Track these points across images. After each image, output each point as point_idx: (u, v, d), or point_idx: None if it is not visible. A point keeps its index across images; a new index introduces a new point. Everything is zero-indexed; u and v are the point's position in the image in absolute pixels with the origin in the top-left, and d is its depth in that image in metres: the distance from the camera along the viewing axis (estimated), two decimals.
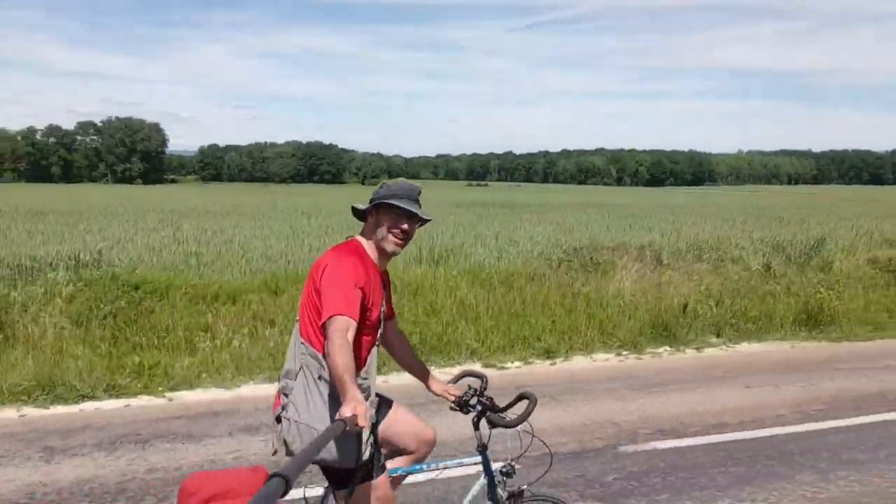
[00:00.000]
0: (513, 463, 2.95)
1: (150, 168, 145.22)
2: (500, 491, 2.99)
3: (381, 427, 2.90)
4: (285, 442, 2.64)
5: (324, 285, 2.55)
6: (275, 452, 2.69)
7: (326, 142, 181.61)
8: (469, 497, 3.04)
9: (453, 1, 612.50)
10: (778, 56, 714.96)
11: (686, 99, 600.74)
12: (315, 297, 2.60)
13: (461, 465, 3.09)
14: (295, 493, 1.94)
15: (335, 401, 2.51)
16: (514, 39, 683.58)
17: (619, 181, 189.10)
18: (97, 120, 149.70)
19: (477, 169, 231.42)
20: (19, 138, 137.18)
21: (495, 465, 3.01)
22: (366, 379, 2.69)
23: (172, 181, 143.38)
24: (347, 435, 2.24)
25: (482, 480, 3.02)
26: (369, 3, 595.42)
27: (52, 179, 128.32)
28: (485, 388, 3.05)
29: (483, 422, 2.91)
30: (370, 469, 2.68)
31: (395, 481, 2.99)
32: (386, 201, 2.68)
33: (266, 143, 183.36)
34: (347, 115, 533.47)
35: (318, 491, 3.05)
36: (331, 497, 2.78)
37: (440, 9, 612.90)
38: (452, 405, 3.05)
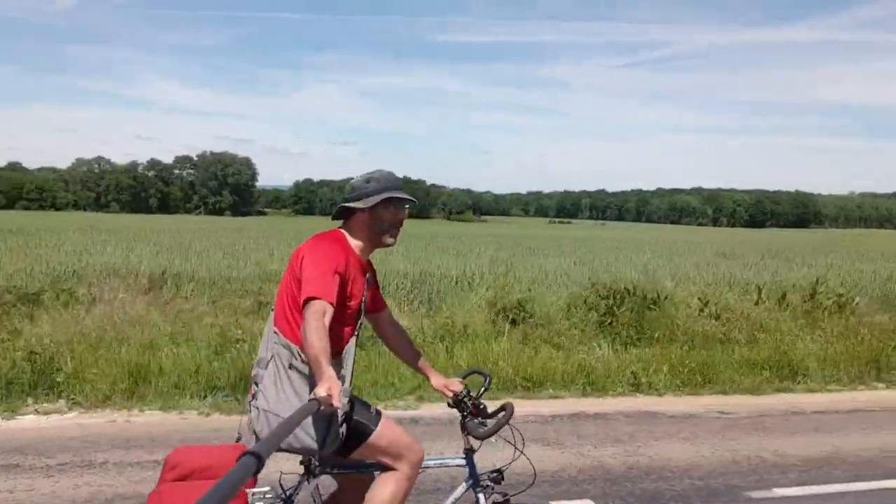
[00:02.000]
0: (502, 469, 2.94)
1: (239, 200, 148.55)
2: (482, 497, 2.92)
3: None
4: (254, 431, 2.60)
5: (303, 271, 2.52)
6: (238, 439, 2.65)
7: (415, 177, 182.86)
8: (451, 498, 2.95)
9: (554, 39, 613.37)
10: (891, 92, 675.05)
11: (790, 137, 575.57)
12: (293, 285, 2.58)
13: (444, 465, 3.05)
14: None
15: (306, 390, 2.52)
16: (613, 77, 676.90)
17: (715, 221, 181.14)
18: (194, 154, 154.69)
19: (567, 206, 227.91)
20: (122, 171, 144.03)
21: (485, 471, 2.96)
22: (341, 369, 2.59)
23: (261, 213, 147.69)
24: (316, 419, 2.36)
25: (465, 484, 2.95)
26: (470, 43, 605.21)
27: (150, 210, 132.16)
28: (486, 389, 3.00)
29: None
30: (360, 429, 2.64)
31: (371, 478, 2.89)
32: (391, 195, 2.69)
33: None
34: (442, 151, 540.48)
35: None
36: (305, 484, 2.70)
37: (540, 47, 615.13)
38: (449, 402, 2.99)
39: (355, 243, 2.75)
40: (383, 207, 2.70)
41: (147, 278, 9.08)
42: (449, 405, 3.01)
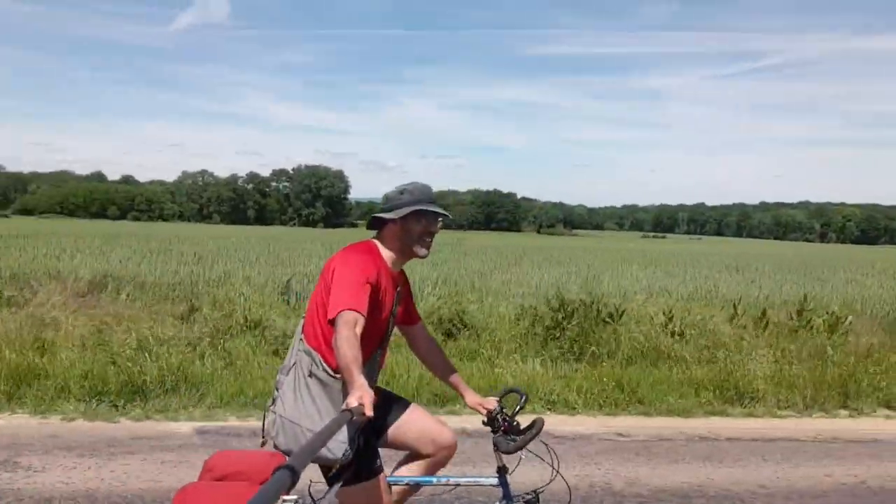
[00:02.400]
0: (538, 492, 2.88)
1: (332, 213, 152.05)
2: None
3: (394, 428, 2.89)
4: (271, 437, 2.63)
5: (334, 282, 2.52)
6: (263, 444, 2.66)
7: (506, 190, 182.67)
8: None
9: (650, 50, 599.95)
10: None
11: None
12: (324, 294, 2.57)
13: (477, 483, 2.97)
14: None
15: (325, 398, 2.55)
16: (713, 87, 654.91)
17: (823, 237, 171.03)
18: (289, 168, 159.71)
19: (664, 220, 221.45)
20: (223, 184, 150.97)
21: (520, 491, 2.91)
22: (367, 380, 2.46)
23: (352, 225, 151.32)
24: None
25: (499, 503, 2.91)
26: (565, 55, 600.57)
27: (248, 221, 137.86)
28: (521, 407, 2.92)
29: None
30: (359, 469, 2.59)
31: (406, 492, 2.94)
32: (422, 208, 2.69)
33: (449, 190, 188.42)
34: (535, 164, 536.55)
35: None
36: (332, 493, 2.68)
37: (637, 58, 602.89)
38: (484, 420, 2.95)
39: (387, 254, 2.77)
40: (414, 219, 2.71)
41: (86, 282, 9.30)
42: (483, 423, 2.97)
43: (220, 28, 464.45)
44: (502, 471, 2.88)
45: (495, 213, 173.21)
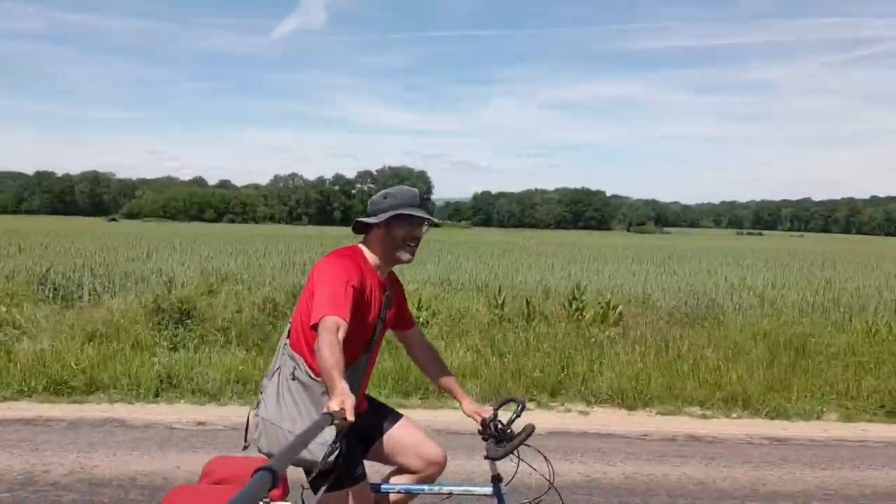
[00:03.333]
0: (532, 502, 2.77)
1: None
2: None
3: (381, 440, 2.87)
4: (253, 440, 2.65)
5: (316, 287, 2.52)
6: (245, 447, 2.67)
7: (594, 188, 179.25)
8: None
9: (756, 40, 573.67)
10: None
11: None
12: (309, 300, 2.57)
13: (470, 493, 2.88)
14: None
15: (306, 400, 2.57)
16: (821, 78, 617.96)
17: None
18: (374, 169, 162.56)
19: (765, 217, 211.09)
20: (311, 186, 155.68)
21: (517, 501, 2.85)
22: (352, 384, 2.40)
23: (435, 225, 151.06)
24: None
25: None
26: (660, 49, 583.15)
27: (333, 223, 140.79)
28: (517, 416, 2.78)
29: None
30: (340, 475, 2.52)
31: (397, 501, 2.94)
32: (403, 212, 2.65)
33: (536, 189, 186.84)
34: (627, 161, 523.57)
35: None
36: (314, 499, 2.55)
37: (739, 49, 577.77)
38: (479, 429, 2.88)
39: (372, 258, 2.75)
40: (397, 224, 2.67)
41: None
42: (479, 432, 2.89)
43: (317, 34, 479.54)
44: (497, 480, 2.80)
45: (583, 211, 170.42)
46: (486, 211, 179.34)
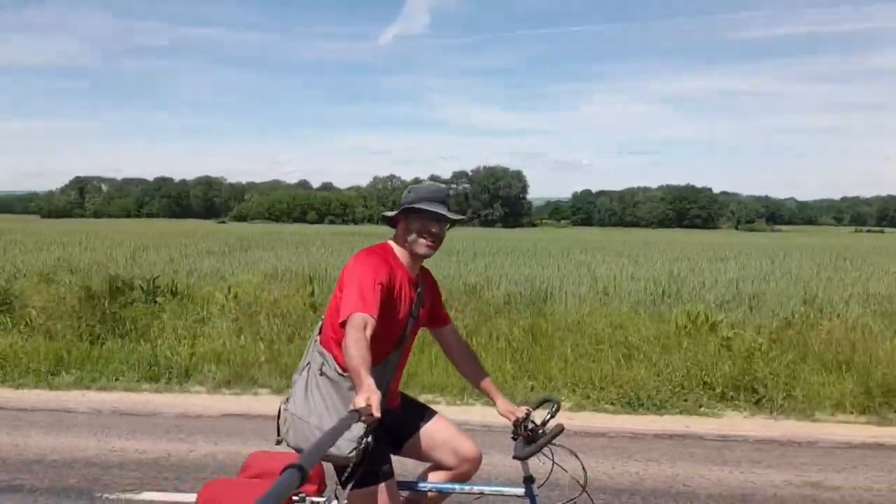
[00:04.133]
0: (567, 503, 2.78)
1: (510, 213, 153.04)
2: None
3: (414, 437, 2.88)
4: (282, 433, 2.69)
5: (345, 285, 2.55)
6: (278, 442, 2.70)
7: (699, 185, 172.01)
8: None
9: (885, 24, 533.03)
10: None
11: None
12: (339, 296, 2.59)
13: (501, 493, 2.84)
14: None
15: (334, 396, 2.58)
16: None
17: None
18: (468, 169, 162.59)
19: (891, 213, 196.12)
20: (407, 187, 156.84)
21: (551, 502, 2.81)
22: (381, 381, 2.55)
23: (532, 224, 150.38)
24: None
25: None
26: (771, 38, 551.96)
27: None
28: (551, 416, 2.79)
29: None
30: (366, 472, 2.50)
31: (430, 500, 2.93)
32: (414, 206, 2.68)
33: (639, 187, 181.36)
34: (737, 156, 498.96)
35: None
36: (336, 493, 2.68)
37: (866, 34, 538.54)
38: (512, 429, 2.87)
39: (402, 254, 2.77)
40: (414, 218, 2.70)
41: None
42: (512, 432, 2.87)
43: (420, 39, 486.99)
44: (529, 481, 2.76)
45: (688, 209, 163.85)
46: (585, 210, 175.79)
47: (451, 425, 2.96)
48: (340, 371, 2.58)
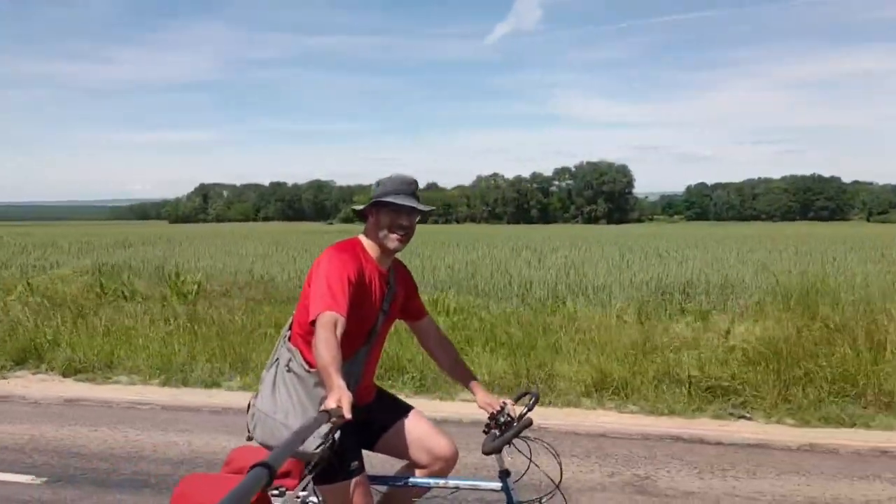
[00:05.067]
0: (543, 498, 2.71)
1: (614, 208, 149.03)
2: None
3: (388, 434, 2.89)
4: (249, 429, 2.70)
5: (314, 283, 2.53)
6: (249, 438, 2.69)
7: (827, 174, 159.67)
8: None
9: None
10: None
11: None
12: (308, 292, 2.59)
13: (477, 488, 2.87)
14: None
15: (300, 391, 2.59)
16: None
17: None
18: (572, 165, 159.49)
19: None
20: (509, 185, 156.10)
21: (527, 497, 2.74)
22: (349, 378, 2.46)
23: (638, 220, 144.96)
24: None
25: None
26: None
27: (531, 221, 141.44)
28: (529, 409, 2.75)
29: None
30: (334, 469, 2.52)
31: (407, 494, 2.93)
32: (383, 200, 2.65)
33: (759, 178, 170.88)
34: (876, 143, 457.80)
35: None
36: (314, 489, 2.67)
37: None
38: (487, 422, 2.84)
39: (372, 248, 2.75)
40: (384, 212, 2.67)
41: None
42: (485, 425, 2.83)
43: (532, 34, 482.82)
44: (504, 475, 2.74)
45: (812, 200, 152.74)
46: (700, 204, 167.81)
47: (425, 422, 2.92)
48: (307, 367, 2.57)
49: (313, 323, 2.39)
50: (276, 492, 2.37)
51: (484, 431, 2.74)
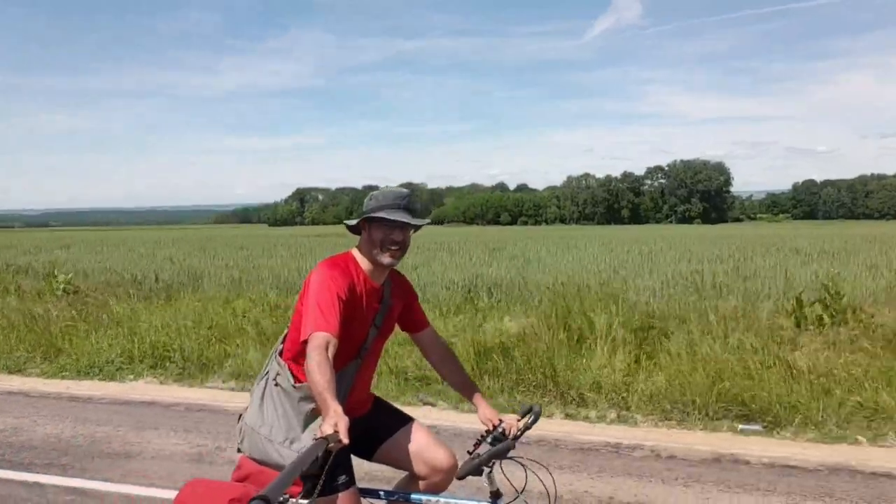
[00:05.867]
0: None
1: (710, 207, 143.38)
2: None
3: (386, 444, 2.86)
4: (237, 441, 2.70)
5: (306, 301, 2.50)
6: (239, 450, 2.68)
7: None
8: None
9: None
10: None
11: None
12: (300, 307, 2.59)
13: None
14: None
15: (286, 405, 2.57)
16: None
17: None
18: (664, 164, 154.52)
19: None
20: (599, 185, 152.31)
21: None
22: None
23: (737, 220, 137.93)
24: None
25: None
26: None
27: (621, 221, 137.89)
28: (527, 428, 2.69)
29: (497, 464, 2.56)
30: (325, 482, 2.24)
31: None
32: (374, 215, 2.61)
33: (871, 175, 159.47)
34: None
35: None
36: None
37: None
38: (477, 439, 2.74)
39: (364, 263, 2.70)
40: (376, 227, 2.62)
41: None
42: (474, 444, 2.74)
43: (631, 30, 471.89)
44: (495, 496, 2.63)
45: None
46: (809, 202, 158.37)
47: (424, 433, 2.88)
48: (294, 383, 2.57)
49: (305, 343, 2.37)
50: (280, 499, 2.20)
51: (468, 452, 2.58)
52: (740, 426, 5.91)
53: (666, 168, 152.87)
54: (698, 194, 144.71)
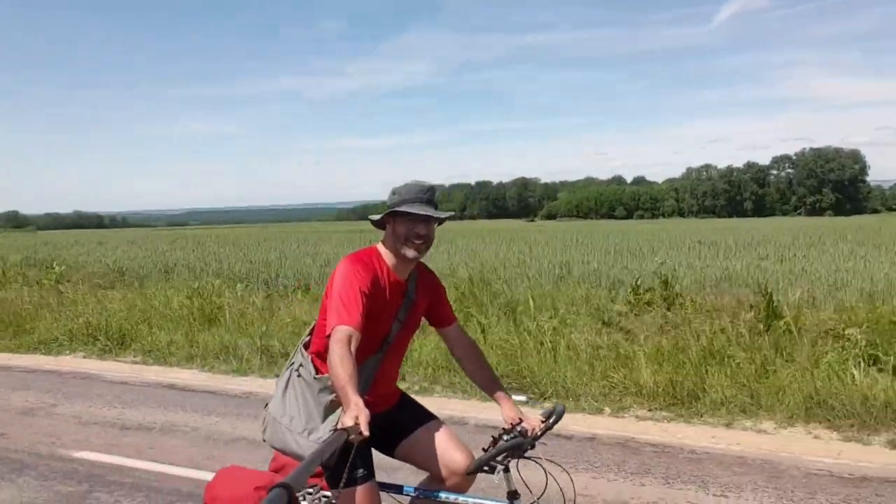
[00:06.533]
0: None
1: (843, 198, 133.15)
2: None
3: (406, 442, 2.84)
4: (261, 430, 2.75)
5: (331, 295, 2.53)
6: (264, 440, 2.72)
7: None
8: None
9: None
10: None
11: None
12: (326, 300, 2.60)
13: None
14: None
15: (308, 397, 2.61)
16: None
17: None
18: (792, 153, 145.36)
19: None
20: (720, 177, 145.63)
21: None
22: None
23: (875, 211, 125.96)
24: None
25: None
26: None
27: (744, 213, 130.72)
28: (548, 428, 2.66)
29: (514, 464, 2.57)
30: (338, 475, 2.33)
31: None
32: (398, 209, 2.61)
33: None
34: None
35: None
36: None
37: None
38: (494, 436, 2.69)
39: (389, 257, 2.71)
40: (399, 221, 2.63)
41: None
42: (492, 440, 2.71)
43: (761, 12, 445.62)
44: (513, 496, 2.61)
45: None
46: None
47: (446, 435, 2.84)
48: (315, 374, 2.62)
49: (329, 337, 2.40)
50: (310, 490, 2.31)
51: (483, 449, 2.59)
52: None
53: (794, 157, 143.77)
54: (830, 184, 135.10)
